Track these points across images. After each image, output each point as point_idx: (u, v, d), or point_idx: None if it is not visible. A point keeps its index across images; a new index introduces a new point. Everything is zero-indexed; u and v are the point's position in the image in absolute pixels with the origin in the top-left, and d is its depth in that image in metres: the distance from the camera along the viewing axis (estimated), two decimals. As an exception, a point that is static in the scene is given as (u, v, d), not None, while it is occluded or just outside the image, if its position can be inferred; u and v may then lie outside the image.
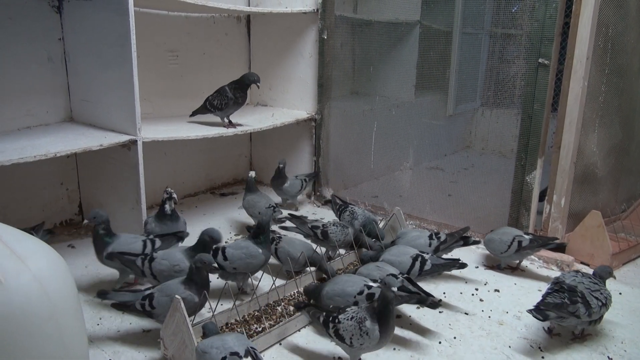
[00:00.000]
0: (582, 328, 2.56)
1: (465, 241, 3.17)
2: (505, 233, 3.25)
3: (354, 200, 4.34)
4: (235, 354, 2.04)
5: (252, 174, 3.80)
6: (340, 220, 3.62)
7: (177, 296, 2.24)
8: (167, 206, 3.18)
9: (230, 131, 3.77)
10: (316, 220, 3.34)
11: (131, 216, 3.42)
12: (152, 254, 2.68)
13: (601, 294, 2.48)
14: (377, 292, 2.49)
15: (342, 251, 3.29)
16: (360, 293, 2.52)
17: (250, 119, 4.15)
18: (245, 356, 2.05)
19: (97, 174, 3.63)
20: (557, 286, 2.50)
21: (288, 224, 3.48)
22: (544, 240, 3.15)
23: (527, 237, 3.19)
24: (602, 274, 2.60)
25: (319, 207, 4.50)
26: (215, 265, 2.76)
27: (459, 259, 2.92)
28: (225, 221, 4.09)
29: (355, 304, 2.49)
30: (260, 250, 2.81)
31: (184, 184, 4.60)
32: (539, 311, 2.43)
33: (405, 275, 2.73)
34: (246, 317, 2.61)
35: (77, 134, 3.23)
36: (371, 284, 2.56)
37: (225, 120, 3.88)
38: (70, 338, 1.27)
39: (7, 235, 1.28)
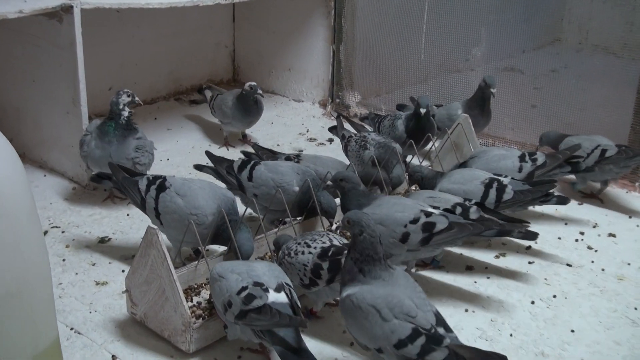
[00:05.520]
0: None
1: (575, 167, 3.15)
2: (589, 139, 3.30)
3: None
4: (259, 285, 2.07)
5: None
6: (379, 132, 3.69)
7: (151, 225, 2.23)
8: (124, 113, 3.16)
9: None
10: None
11: (64, 124, 3.38)
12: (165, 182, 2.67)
13: None
14: (438, 221, 2.49)
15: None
16: (414, 222, 2.51)
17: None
18: (277, 290, 2.08)
19: (11, 61, 3.57)
20: None
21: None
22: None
23: (614, 147, 3.24)
24: None
25: (333, 119, 4.46)
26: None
27: (555, 183, 2.92)
28: (201, 140, 4.10)
29: (405, 238, 2.50)
30: (295, 182, 2.85)
31: (137, 85, 4.52)
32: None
33: (478, 202, 2.73)
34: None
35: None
36: (430, 209, 2.56)
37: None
38: (26, 243, 1.26)
39: None
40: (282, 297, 2.08)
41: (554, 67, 4.90)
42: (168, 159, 3.81)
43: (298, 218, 2.86)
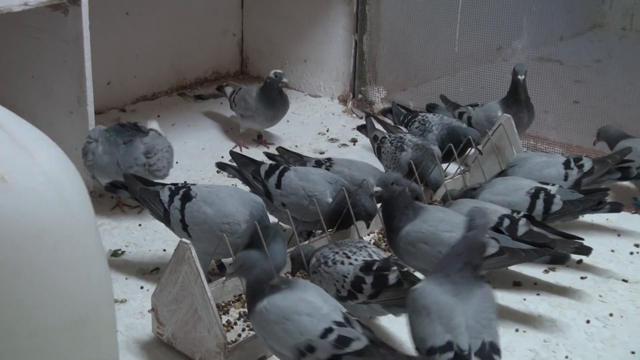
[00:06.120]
0: None
1: (626, 173, 3.26)
2: None
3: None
4: (341, 325, 2.12)
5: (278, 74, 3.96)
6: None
7: (183, 240, 2.34)
8: None
9: None
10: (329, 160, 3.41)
11: (67, 124, 3.47)
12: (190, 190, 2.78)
13: None
14: (489, 245, 2.59)
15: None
16: (464, 241, 2.62)
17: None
18: (345, 325, 2.14)
19: (10, 57, 3.65)
20: None
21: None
22: None
23: None
24: None
25: (360, 118, 4.57)
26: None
27: (607, 191, 3.03)
28: (212, 141, 4.21)
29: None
30: (328, 193, 2.96)
31: (137, 79, 4.64)
32: None
33: (527, 214, 2.85)
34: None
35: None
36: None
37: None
38: (92, 265, 1.37)
39: (8, 121, 1.36)
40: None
41: (597, 56, 4.99)
42: (177, 162, 3.90)
43: (329, 230, 2.97)
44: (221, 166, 3.23)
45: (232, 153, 3.23)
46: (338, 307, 2.22)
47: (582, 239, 2.84)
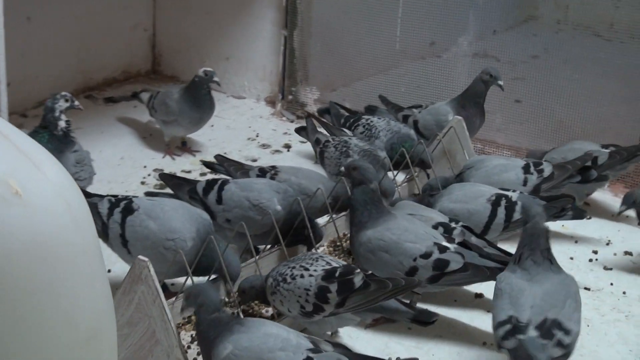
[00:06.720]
0: None
1: (585, 177, 3.48)
2: (571, 149, 3.72)
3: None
4: (315, 351, 2.27)
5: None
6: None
7: (141, 257, 2.42)
8: (61, 122, 3.38)
9: None
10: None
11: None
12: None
13: None
14: (452, 260, 2.80)
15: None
16: (426, 256, 2.82)
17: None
18: (318, 349, 2.29)
19: None
20: None
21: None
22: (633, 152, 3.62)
23: (605, 150, 3.66)
24: None
25: (291, 121, 4.74)
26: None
27: (572, 199, 3.28)
28: (131, 149, 4.27)
29: (412, 272, 2.80)
30: (276, 201, 3.06)
31: (38, 79, 4.64)
32: None
33: (463, 225, 3.06)
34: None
35: None
36: (445, 243, 2.87)
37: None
38: (99, 279, 1.46)
39: (12, 132, 1.44)
40: None
41: (533, 52, 5.18)
42: (95, 173, 3.95)
43: (278, 245, 3.05)
44: (151, 194, 3.29)
45: (162, 176, 3.33)
46: (300, 334, 2.37)
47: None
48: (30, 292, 1.37)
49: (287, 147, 4.41)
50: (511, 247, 3.00)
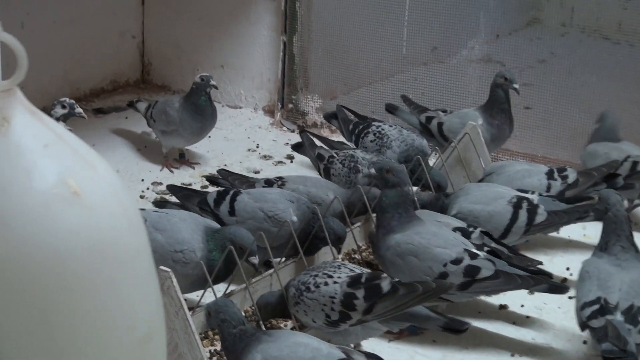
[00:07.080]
0: None
1: (612, 185, 3.54)
2: (617, 148, 3.83)
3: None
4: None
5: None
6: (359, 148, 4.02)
7: (163, 268, 2.55)
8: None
9: None
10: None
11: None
12: None
13: None
14: (484, 267, 2.93)
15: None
16: (456, 262, 2.95)
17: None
18: (351, 358, 2.39)
19: None
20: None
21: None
22: None
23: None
24: None
25: (292, 131, 4.88)
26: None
27: (593, 200, 3.36)
28: (126, 162, 4.35)
29: (442, 278, 2.91)
30: (292, 211, 3.18)
31: (25, 90, 4.70)
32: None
33: (483, 230, 3.19)
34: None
35: None
36: (475, 250, 3.00)
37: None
38: (153, 279, 1.57)
39: (64, 132, 1.56)
40: None
41: (540, 56, 5.31)
42: (91, 188, 4.08)
43: (294, 257, 3.19)
44: (160, 204, 3.42)
45: (170, 187, 3.45)
46: (331, 345, 2.47)
47: (541, 263, 3.21)
48: (93, 291, 1.49)
49: (290, 158, 4.53)
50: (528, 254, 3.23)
